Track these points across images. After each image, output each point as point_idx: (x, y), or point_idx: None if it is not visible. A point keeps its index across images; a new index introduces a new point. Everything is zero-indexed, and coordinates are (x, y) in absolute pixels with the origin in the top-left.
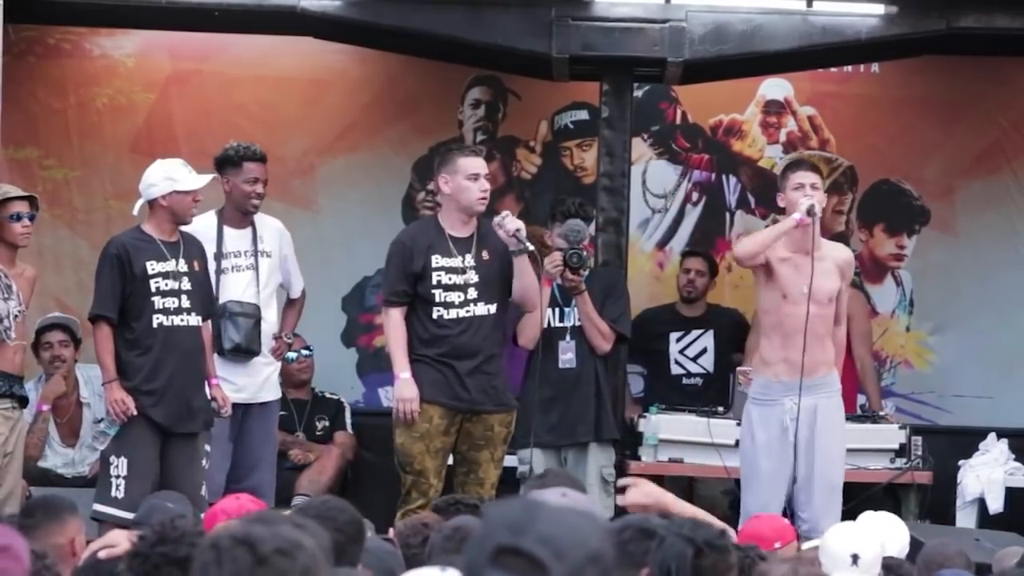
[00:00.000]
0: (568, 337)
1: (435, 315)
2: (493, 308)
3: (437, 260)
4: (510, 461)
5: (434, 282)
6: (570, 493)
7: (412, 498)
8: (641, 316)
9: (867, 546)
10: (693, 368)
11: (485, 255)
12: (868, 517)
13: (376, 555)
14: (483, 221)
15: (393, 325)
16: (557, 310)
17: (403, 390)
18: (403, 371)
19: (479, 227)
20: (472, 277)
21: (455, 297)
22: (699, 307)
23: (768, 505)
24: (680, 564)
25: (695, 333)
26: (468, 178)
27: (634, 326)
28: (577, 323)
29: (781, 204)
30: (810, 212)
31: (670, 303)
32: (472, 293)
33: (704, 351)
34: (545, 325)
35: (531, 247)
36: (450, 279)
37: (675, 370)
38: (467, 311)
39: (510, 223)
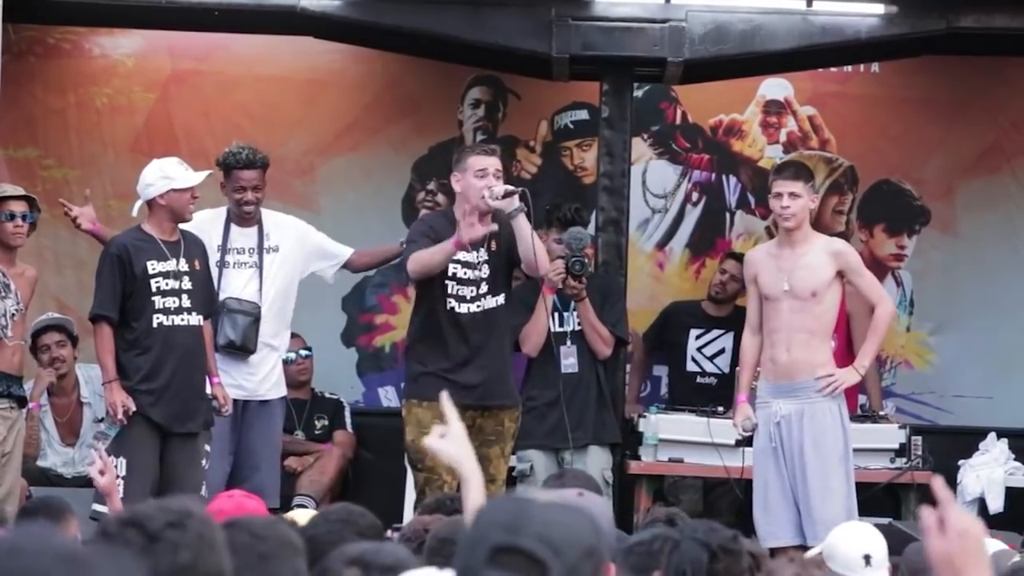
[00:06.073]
0: (569, 342)
1: (448, 307)
2: (502, 299)
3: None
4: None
5: (449, 274)
6: (586, 494)
7: (427, 496)
8: (668, 308)
9: (877, 545)
10: (709, 367)
11: (494, 246)
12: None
13: None
14: (500, 218)
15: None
16: (557, 315)
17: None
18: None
19: (496, 222)
20: (484, 271)
21: (467, 292)
22: (725, 308)
23: (772, 507)
24: (696, 568)
25: (715, 333)
26: (475, 175)
27: (660, 317)
28: (577, 327)
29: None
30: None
31: (697, 300)
32: (483, 288)
33: (722, 352)
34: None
35: (524, 207)
36: (464, 273)
37: (690, 367)
38: (478, 306)
39: (498, 189)
